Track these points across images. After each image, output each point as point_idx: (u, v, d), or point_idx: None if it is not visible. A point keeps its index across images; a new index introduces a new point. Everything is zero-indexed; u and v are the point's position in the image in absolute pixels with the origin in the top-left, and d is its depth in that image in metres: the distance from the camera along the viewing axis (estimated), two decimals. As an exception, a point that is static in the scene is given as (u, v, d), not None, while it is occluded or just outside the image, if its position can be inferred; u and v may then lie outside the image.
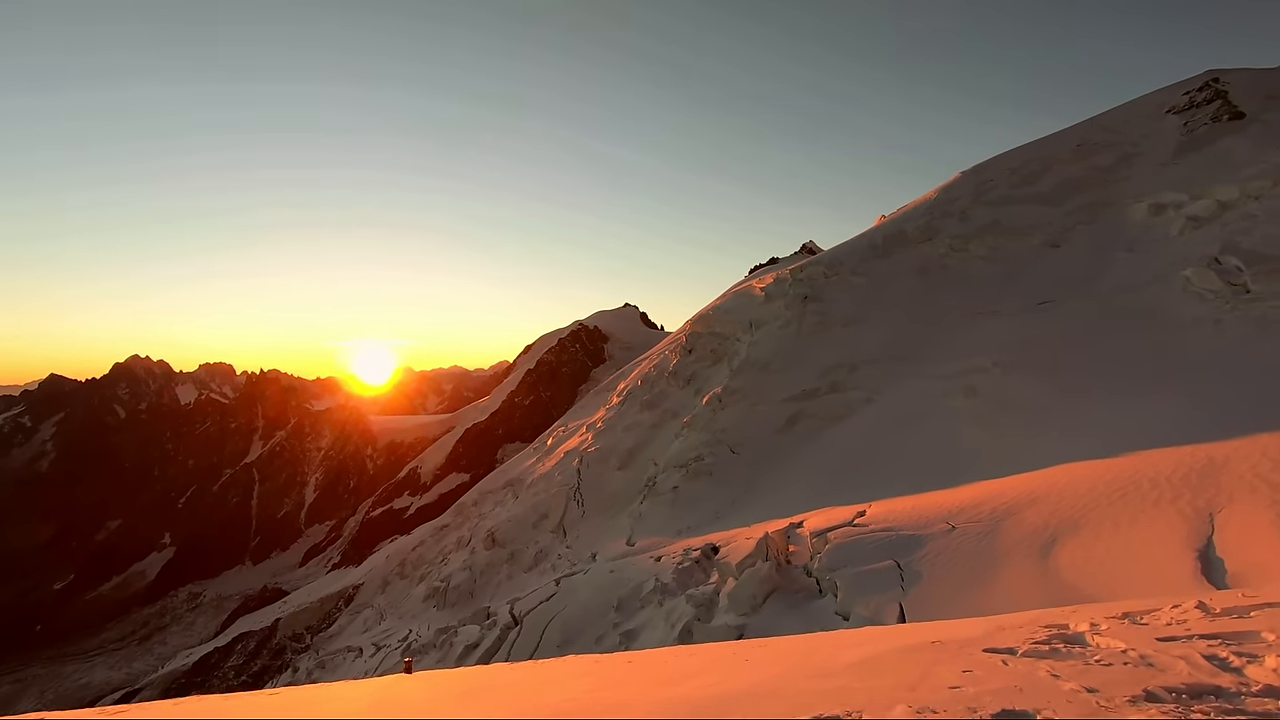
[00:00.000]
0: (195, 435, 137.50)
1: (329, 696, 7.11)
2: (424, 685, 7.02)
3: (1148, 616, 4.55)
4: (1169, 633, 3.90)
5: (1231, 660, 3.21)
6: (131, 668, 75.97)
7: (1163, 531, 9.72)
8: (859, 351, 30.02)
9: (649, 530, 26.33)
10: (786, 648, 6.18)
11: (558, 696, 5.15)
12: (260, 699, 7.17)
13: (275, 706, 6.25)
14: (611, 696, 4.80)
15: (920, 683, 3.42)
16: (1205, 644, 3.54)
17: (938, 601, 10.70)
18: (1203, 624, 4.06)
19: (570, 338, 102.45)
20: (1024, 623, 4.92)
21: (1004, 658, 3.78)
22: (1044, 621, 4.90)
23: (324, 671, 32.69)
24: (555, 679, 6.31)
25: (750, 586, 14.17)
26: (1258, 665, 3.10)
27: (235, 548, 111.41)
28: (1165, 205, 27.81)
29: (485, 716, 4.74)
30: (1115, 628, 4.30)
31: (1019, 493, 13.20)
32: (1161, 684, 2.91)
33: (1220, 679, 2.97)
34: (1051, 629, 4.53)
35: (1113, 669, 3.28)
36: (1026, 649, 3.94)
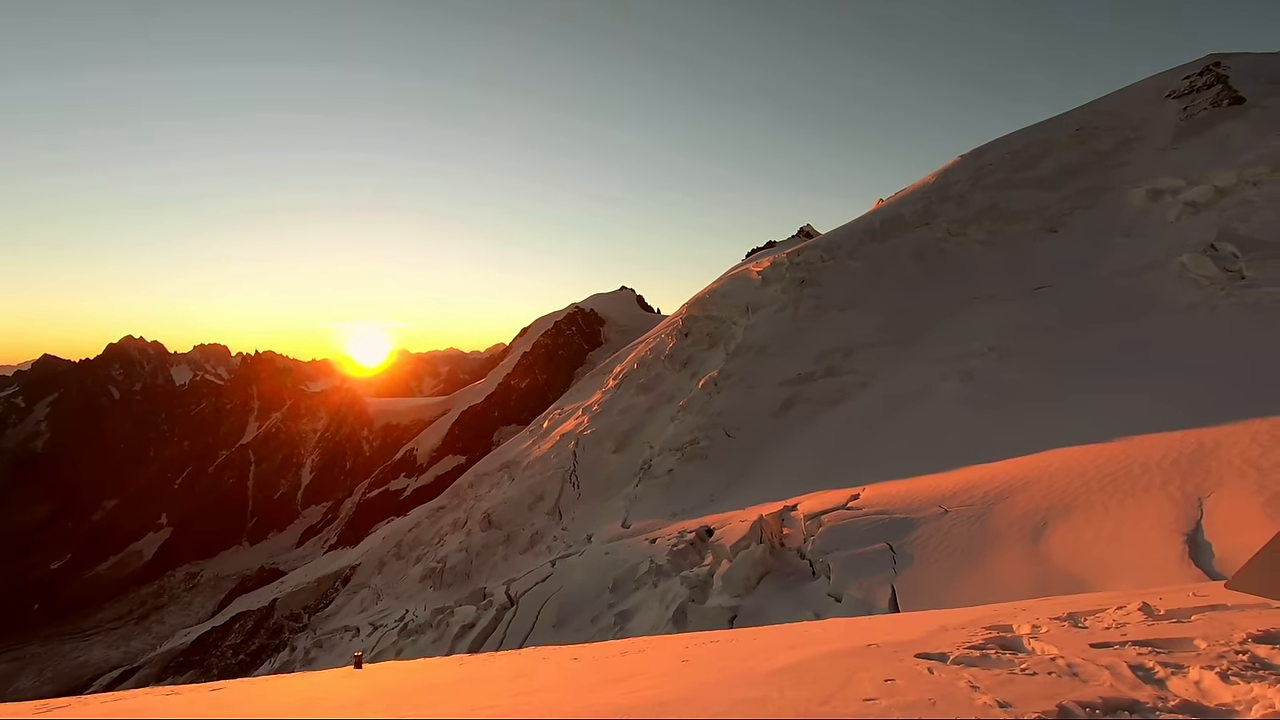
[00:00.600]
0: (190, 416, 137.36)
1: (262, 694, 7.23)
2: (360, 683, 7.13)
3: (1091, 618, 4.59)
4: (1105, 638, 3.92)
5: (1156, 671, 3.23)
6: (129, 646, 76.54)
7: (1152, 516, 9.81)
8: (855, 336, 30.04)
9: (644, 512, 26.48)
10: (727, 649, 6.25)
11: (483, 699, 5.28)
12: (199, 695, 7.31)
13: (208, 705, 6.37)
14: (536, 700, 4.92)
15: (837, 694, 3.43)
16: (1136, 651, 3.57)
17: (929, 584, 10.81)
18: (1141, 628, 4.10)
19: (566, 320, 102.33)
20: (967, 622, 4.92)
21: (933, 665, 3.79)
22: (987, 622, 4.92)
23: (321, 650, 32.96)
24: (492, 678, 6.45)
25: (744, 568, 14.29)
26: (1181, 677, 3.12)
27: (232, 528, 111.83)
28: (1163, 191, 27.76)
29: (394, 718, 4.88)
30: (1055, 631, 4.34)
31: (1011, 477, 13.30)
32: (1078, 698, 2.92)
33: (1140, 692, 2.98)
34: (992, 631, 4.55)
35: (1035, 679, 3.31)
36: (959, 654, 3.96)
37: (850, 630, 6.34)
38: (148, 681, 49.41)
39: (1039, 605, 5.72)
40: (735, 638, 7.43)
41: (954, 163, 41.57)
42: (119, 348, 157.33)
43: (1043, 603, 5.96)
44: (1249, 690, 2.79)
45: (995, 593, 9.80)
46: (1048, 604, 5.72)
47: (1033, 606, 5.59)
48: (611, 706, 4.02)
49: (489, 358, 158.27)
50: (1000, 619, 5.01)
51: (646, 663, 6.12)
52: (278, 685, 8.24)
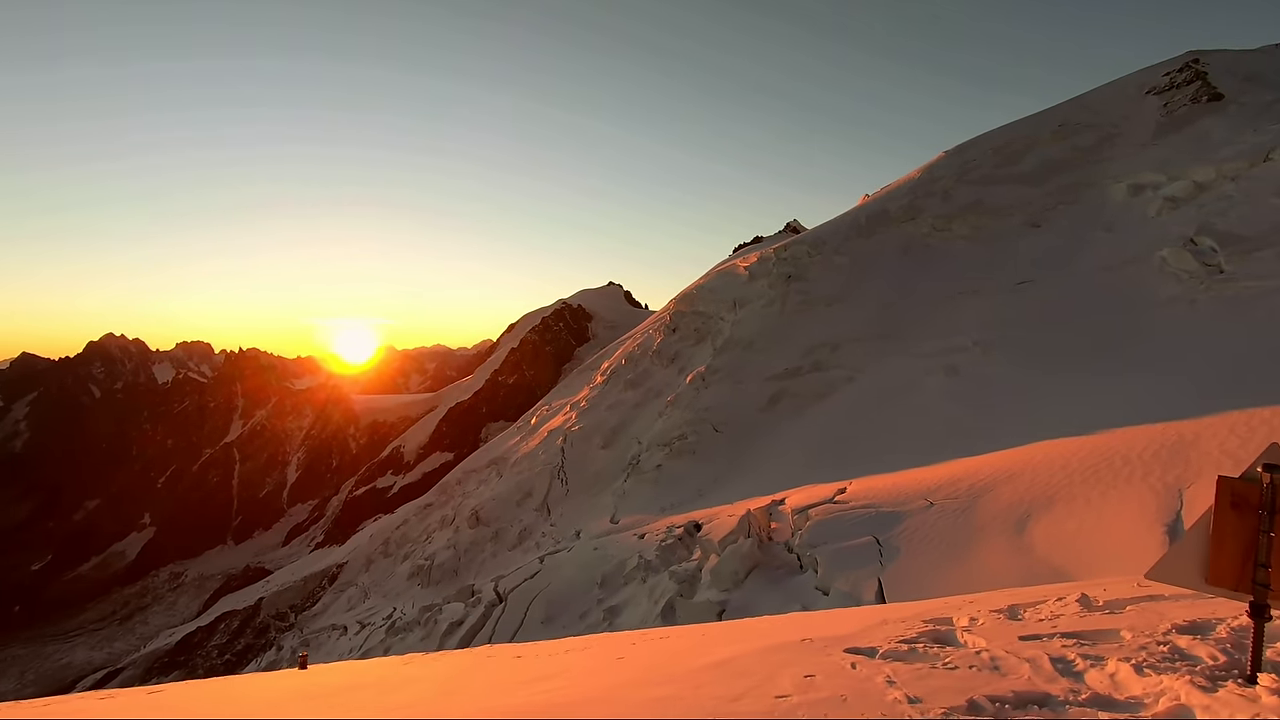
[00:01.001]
0: (173, 414, 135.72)
1: (196, 696, 7.28)
2: (296, 684, 7.16)
3: (1029, 610, 4.65)
4: (1036, 629, 3.95)
5: (1076, 663, 3.24)
6: (113, 647, 75.69)
7: (1133, 507, 9.96)
8: (841, 330, 30.21)
9: (632, 508, 26.52)
10: (668, 645, 6.30)
11: (407, 698, 5.38)
12: (135, 699, 7.34)
13: (143, 707, 6.41)
14: (455, 700, 5.03)
15: (751, 691, 3.44)
16: (1062, 644, 3.59)
17: (915, 577, 10.92)
18: (1074, 620, 4.11)
19: (554, 316, 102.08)
20: (909, 616, 4.97)
21: (858, 660, 3.81)
22: (929, 615, 4.98)
23: (309, 649, 32.77)
24: (427, 678, 6.54)
25: (732, 563, 14.36)
26: (1098, 669, 3.13)
27: (216, 527, 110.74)
28: (1144, 186, 28.10)
29: (296, 718, 4.95)
30: (990, 623, 4.37)
31: (996, 470, 13.45)
32: (990, 692, 2.93)
33: (1055, 685, 2.99)
34: (929, 624, 4.58)
35: (954, 674, 3.32)
36: (888, 648, 3.97)
37: (791, 625, 6.42)
38: (132, 683, 48.89)
39: (988, 597, 5.79)
40: (684, 634, 7.51)
41: (938, 158, 41.85)
42: (99, 345, 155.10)
43: (992, 595, 6.03)
44: (1159, 683, 2.84)
45: (980, 585, 9.92)
46: (997, 595, 5.79)
47: (980, 599, 5.65)
48: (524, 707, 4.11)
49: (476, 354, 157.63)
50: (943, 611, 5.09)
51: (582, 661, 6.22)
52: (215, 687, 8.24)
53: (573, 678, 5.11)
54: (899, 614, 5.22)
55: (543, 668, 6.00)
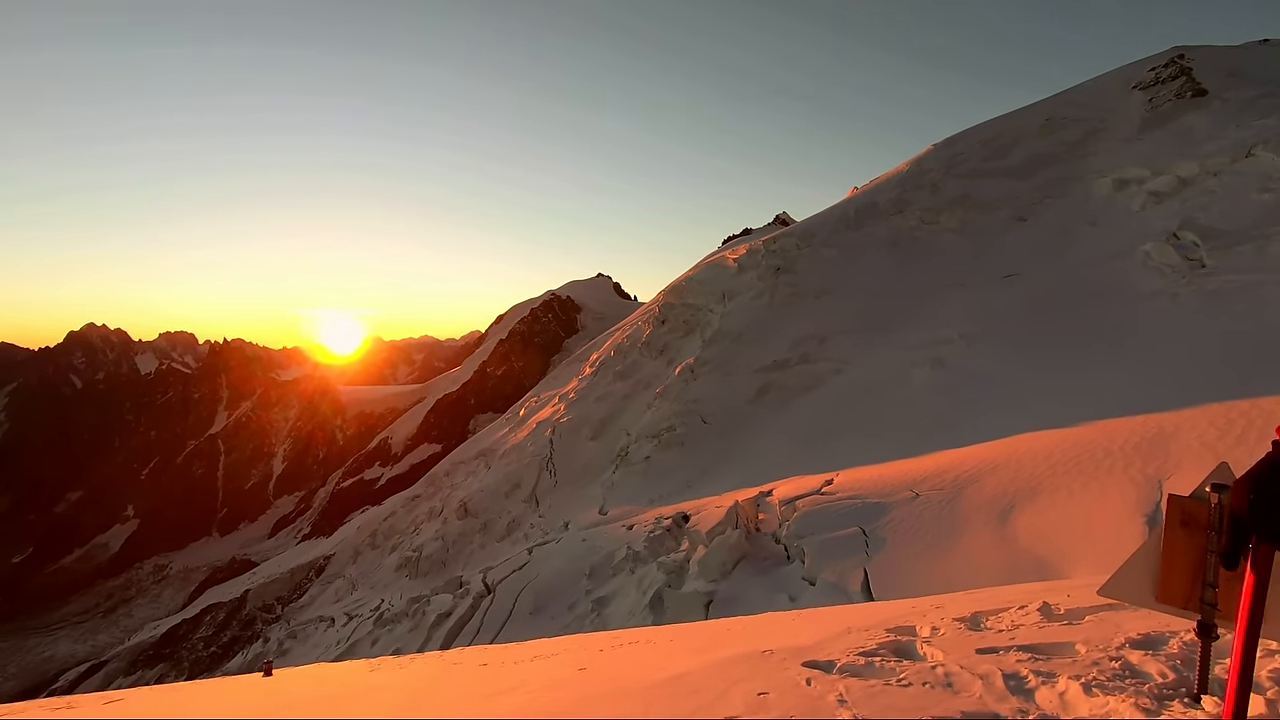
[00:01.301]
0: (157, 406, 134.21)
1: (155, 702, 7.29)
2: (258, 692, 7.15)
3: (991, 619, 4.66)
4: (995, 641, 3.94)
5: (1029, 680, 3.22)
6: (97, 640, 75.08)
7: (1114, 498, 10.11)
8: (829, 323, 30.34)
9: (621, 499, 26.59)
10: (633, 653, 6.45)
11: (363, 711, 5.50)
12: (93, 707, 7.34)
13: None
14: (413, 716, 5.15)
15: (701, 710, 3.48)
16: (1017, 658, 3.57)
17: (901, 567, 11.04)
18: (1033, 631, 4.12)
19: (543, 308, 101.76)
20: (874, 623, 4.96)
21: (814, 675, 3.80)
22: (893, 622, 4.98)
23: (295, 641, 32.66)
24: (392, 687, 6.63)
25: (720, 554, 14.44)
26: (1049, 687, 3.11)
27: (201, 519, 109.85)
28: (1128, 181, 28.36)
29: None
30: (951, 634, 4.36)
31: (980, 461, 13.59)
32: (940, 713, 2.94)
33: (1005, 704, 2.99)
34: (891, 634, 4.57)
35: (908, 691, 3.31)
36: (846, 662, 3.96)
37: (759, 630, 6.38)
38: (116, 675, 48.57)
39: (955, 601, 5.77)
40: (654, 639, 7.51)
41: (927, 151, 42.01)
42: (80, 335, 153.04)
43: (960, 598, 6.01)
44: (1105, 704, 2.85)
45: (964, 577, 10.05)
46: (964, 599, 5.75)
47: (947, 603, 5.62)
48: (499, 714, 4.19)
49: (464, 345, 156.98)
50: (907, 619, 5.08)
51: (546, 671, 6.30)
52: (175, 695, 8.22)
53: (532, 692, 5.20)
54: (864, 620, 5.18)
55: (506, 679, 6.12)
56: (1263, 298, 18.32)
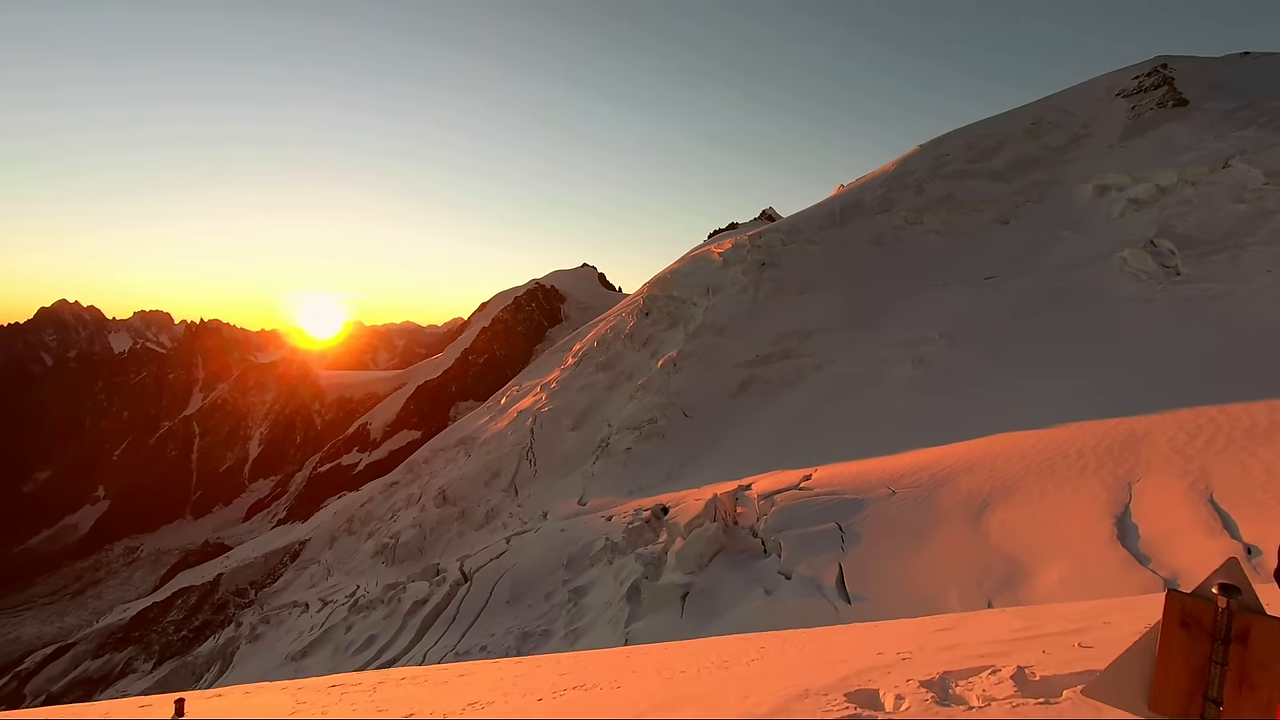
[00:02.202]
0: (130, 385, 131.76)
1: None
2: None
3: (960, 684, 4.27)
4: (961, 716, 3.64)
5: None
6: (64, 622, 73.86)
7: (1085, 499, 10.30)
8: (812, 319, 30.51)
9: (601, 490, 26.60)
10: (546, 697, 6.08)
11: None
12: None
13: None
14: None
15: None
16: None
17: (876, 563, 11.17)
18: (1003, 708, 3.75)
19: (527, 296, 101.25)
20: (832, 686, 4.56)
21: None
22: (854, 685, 4.56)
23: (269, 626, 32.36)
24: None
25: (698, 546, 14.51)
26: None
27: (175, 502, 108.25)
28: (1109, 187, 28.76)
29: None
30: (916, 704, 4.02)
31: (957, 460, 13.77)
32: None
33: None
34: (851, 705, 4.17)
35: None
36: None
37: (699, 689, 5.76)
38: (84, 658, 47.84)
39: (921, 652, 5.26)
40: (587, 668, 7.02)
41: (913, 151, 42.26)
42: (52, 312, 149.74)
43: (925, 647, 5.47)
44: None
45: (938, 571, 10.19)
46: (930, 651, 5.25)
47: (915, 654, 5.19)
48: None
49: (447, 332, 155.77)
50: (869, 678, 4.68)
51: (440, 704, 6.03)
52: None
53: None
54: (822, 682, 4.71)
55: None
56: (1235, 306, 18.71)
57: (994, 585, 9.38)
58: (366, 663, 20.09)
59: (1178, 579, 7.87)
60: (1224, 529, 8.34)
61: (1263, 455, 9.68)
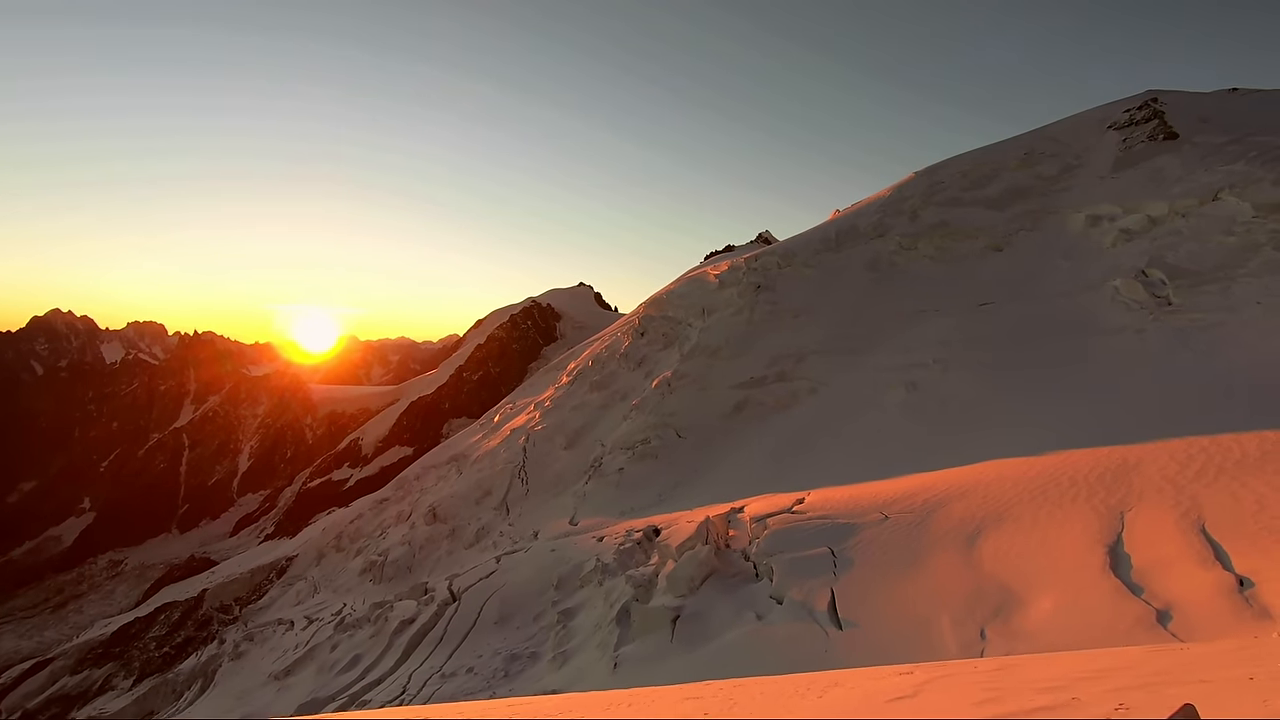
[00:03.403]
0: (121, 396, 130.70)
1: None
2: None
3: None
4: None
5: None
6: (43, 636, 72.46)
7: (1077, 527, 10.28)
8: (807, 342, 30.61)
9: (592, 510, 26.43)
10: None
11: None
12: None
13: None
14: None
15: None
16: None
17: (868, 588, 11.09)
18: None
19: (522, 314, 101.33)
20: None
21: None
22: None
23: (253, 644, 31.83)
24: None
25: (689, 569, 14.39)
26: None
27: (161, 515, 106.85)
28: (1101, 217, 29.09)
29: None
30: None
31: (950, 485, 13.75)
32: None
33: None
34: None
35: None
36: None
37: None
38: (62, 674, 46.87)
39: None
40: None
41: (908, 178, 42.73)
42: (44, 321, 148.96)
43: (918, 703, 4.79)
44: None
45: (930, 598, 10.13)
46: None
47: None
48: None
49: (441, 348, 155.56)
50: None
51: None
52: None
53: None
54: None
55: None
56: (1225, 337, 18.87)
57: (986, 613, 9.32)
58: (351, 682, 19.77)
59: (1170, 610, 7.84)
60: (1216, 560, 8.32)
61: (1254, 486, 9.70)
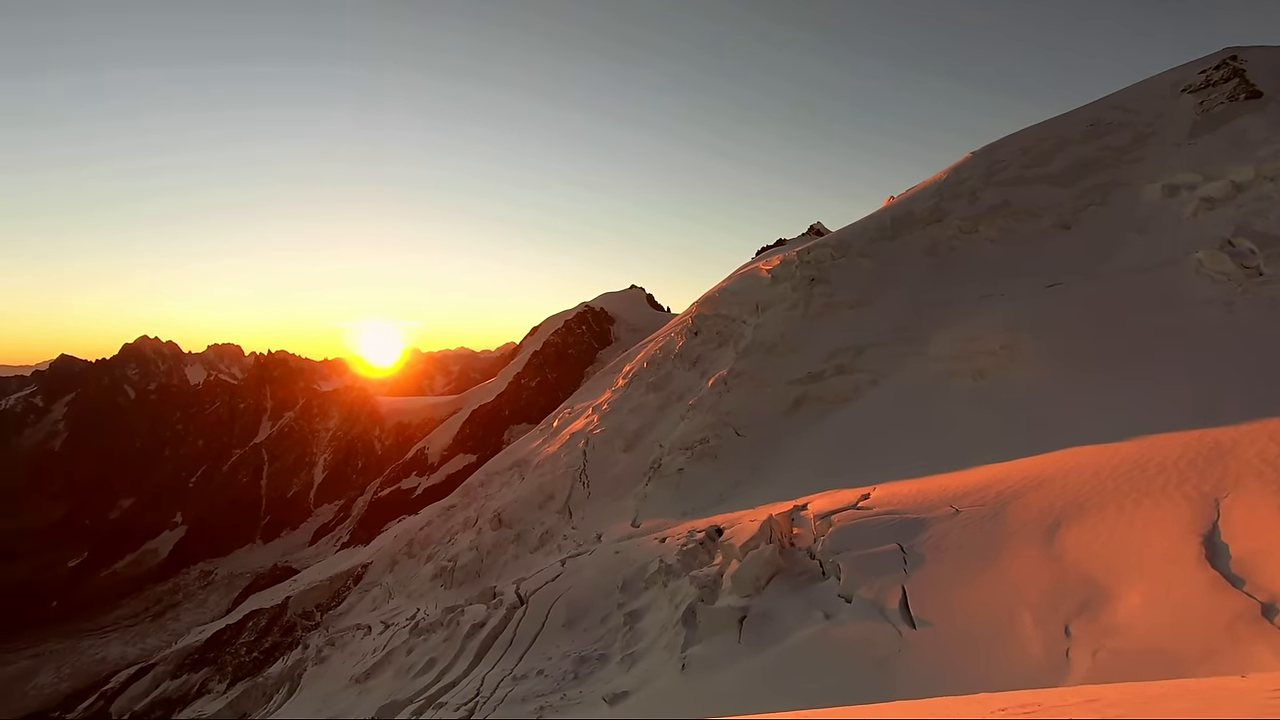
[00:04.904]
0: (205, 416, 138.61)
1: None
2: None
3: None
4: None
5: None
6: (145, 643, 77.44)
7: (1168, 515, 9.68)
8: (866, 334, 29.88)
9: (653, 512, 26.47)
10: None
11: None
12: None
13: None
14: None
15: None
16: None
17: (941, 585, 10.73)
18: None
19: (576, 319, 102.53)
20: None
21: None
22: None
23: (334, 648, 33.16)
24: None
25: (754, 568, 14.23)
26: None
27: (246, 526, 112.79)
28: (1179, 186, 27.41)
29: None
30: None
31: (1025, 476, 13.17)
32: None
33: None
34: None
35: None
36: None
37: None
38: (163, 679, 49.93)
39: None
40: None
41: (965, 159, 41.25)
42: (134, 347, 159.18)
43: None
44: None
45: (1009, 594, 9.73)
46: None
47: None
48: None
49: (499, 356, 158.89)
50: None
51: None
52: None
53: None
54: None
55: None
56: (1326, 306, 17.49)
57: (1071, 609, 8.87)
58: (428, 685, 20.34)
59: (1276, 602, 7.29)
60: (1327, 548, 7.70)
61: (1367, 467, 8.94)
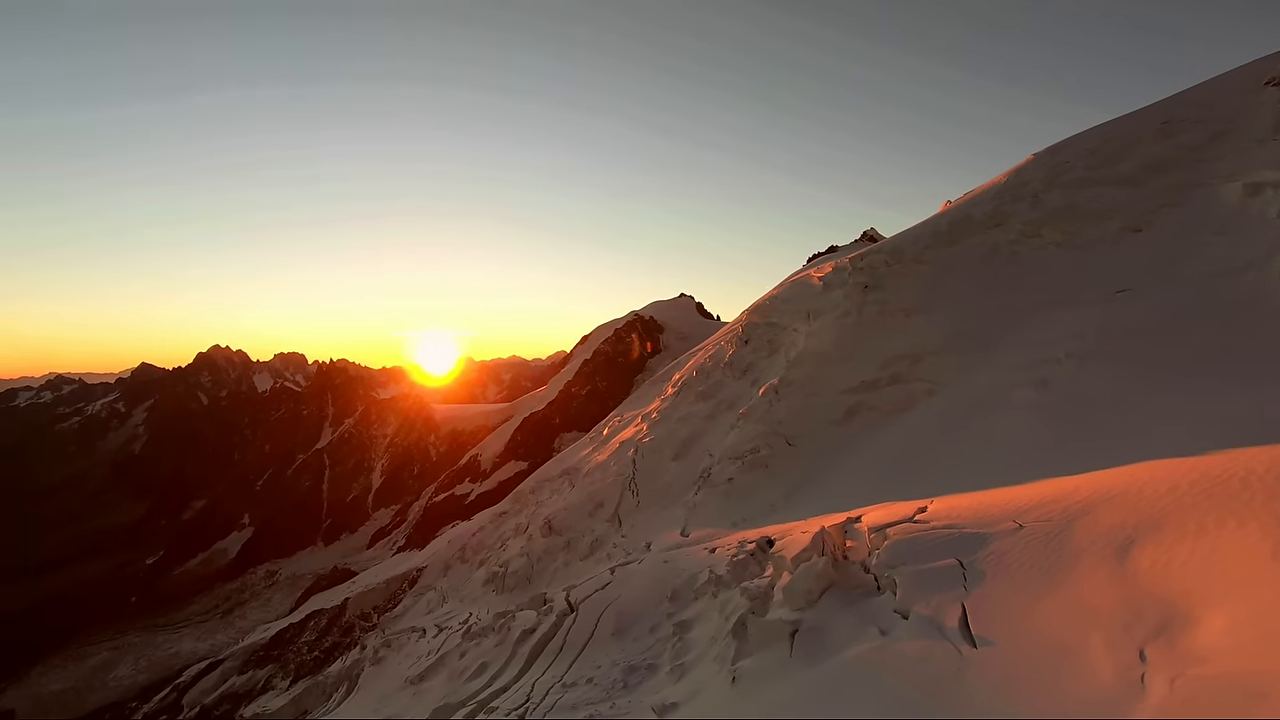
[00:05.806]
0: (271, 421, 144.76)
1: None
2: None
3: None
4: None
5: None
6: (215, 639, 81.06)
7: (1254, 534, 9.05)
8: (922, 342, 29.05)
9: (703, 521, 26.26)
10: None
11: None
12: None
13: None
14: None
15: None
16: None
17: (1003, 604, 10.30)
18: None
19: (626, 328, 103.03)
20: None
21: None
22: None
23: (390, 650, 33.98)
24: None
25: (806, 581, 13.94)
26: None
27: (308, 529, 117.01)
28: (1263, 185, 25.82)
29: None
30: None
31: (1093, 490, 12.54)
32: None
33: None
34: None
35: None
36: None
37: None
38: (231, 674, 52.07)
39: None
40: None
41: (1027, 161, 39.81)
42: (207, 356, 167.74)
43: None
44: None
45: (1077, 615, 9.27)
46: None
47: None
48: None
49: (550, 365, 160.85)
50: None
51: None
52: None
53: None
54: None
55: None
56: None
57: (1146, 632, 8.38)
58: (480, 689, 20.62)
59: (1379, 631, 6.74)
60: None
61: None
